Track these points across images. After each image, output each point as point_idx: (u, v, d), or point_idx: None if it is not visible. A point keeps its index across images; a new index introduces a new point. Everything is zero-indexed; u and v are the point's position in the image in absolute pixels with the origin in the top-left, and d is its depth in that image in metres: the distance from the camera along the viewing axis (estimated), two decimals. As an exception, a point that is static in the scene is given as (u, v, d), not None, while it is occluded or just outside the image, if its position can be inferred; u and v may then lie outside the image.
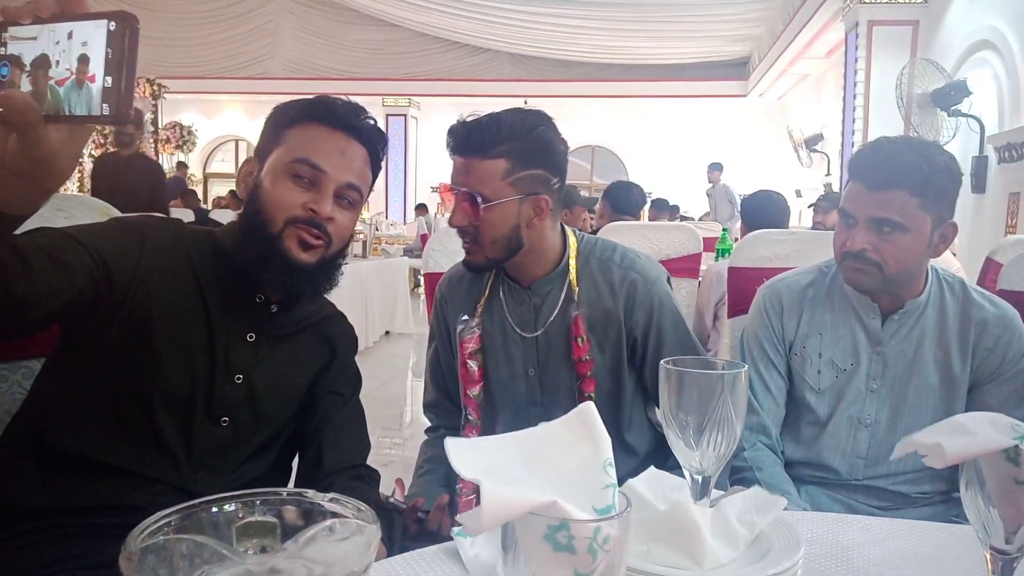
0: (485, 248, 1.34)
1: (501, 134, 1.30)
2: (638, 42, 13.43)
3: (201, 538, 0.36)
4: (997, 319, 1.40)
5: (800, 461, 1.49)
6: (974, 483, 0.69)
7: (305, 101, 1.20)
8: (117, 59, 0.61)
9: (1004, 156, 5.71)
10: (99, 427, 1.07)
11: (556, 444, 0.54)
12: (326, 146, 1.15)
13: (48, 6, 0.65)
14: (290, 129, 1.17)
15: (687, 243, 3.00)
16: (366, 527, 0.39)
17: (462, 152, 1.33)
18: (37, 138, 0.65)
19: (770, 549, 0.75)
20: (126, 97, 0.62)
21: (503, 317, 1.45)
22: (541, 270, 1.42)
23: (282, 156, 1.14)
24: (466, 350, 1.43)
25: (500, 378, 1.45)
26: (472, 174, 1.31)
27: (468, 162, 1.31)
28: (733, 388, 0.73)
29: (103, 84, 0.62)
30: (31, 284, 0.90)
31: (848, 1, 8.21)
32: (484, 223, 1.31)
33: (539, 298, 1.42)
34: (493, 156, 1.30)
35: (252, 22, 15.21)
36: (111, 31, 0.62)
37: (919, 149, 1.33)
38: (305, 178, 1.13)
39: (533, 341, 1.43)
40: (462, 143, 1.32)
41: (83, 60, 0.62)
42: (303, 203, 1.12)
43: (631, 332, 1.42)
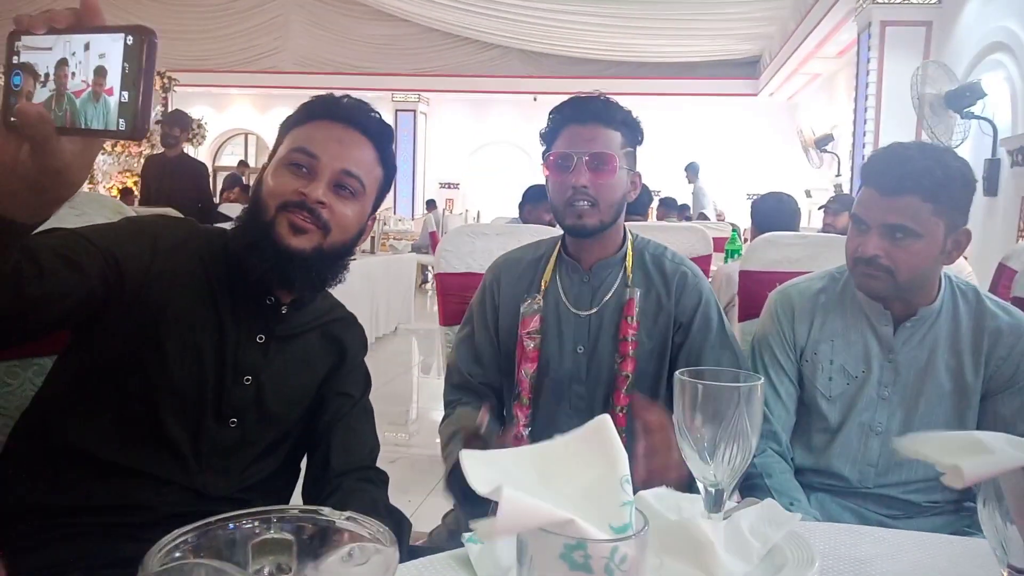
0: (602, 211, 1.42)
1: (619, 110, 1.45)
2: (648, 40, 13.38)
3: (219, 563, 0.35)
4: (1011, 328, 1.38)
5: (810, 468, 1.48)
6: (992, 500, 0.68)
7: (306, 102, 1.21)
8: (134, 73, 0.61)
9: (1017, 159, 5.66)
10: (108, 426, 1.07)
11: (572, 459, 0.54)
12: (322, 135, 1.15)
13: (64, 17, 0.64)
14: (294, 129, 1.18)
15: (697, 244, 2.99)
16: (384, 549, 0.38)
17: (585, 120, 1.42)
18: (51, 150, 0.64)
19: (784, 563, 0.74)
20: (143, 112, 0.61)
21: (558, 295, 1.51)
22: (606, 251, 1.50)
23: (282, 151, 1.16)
24: (526, 328, 1.48)
25: (547, 354, 1.49)
26: (599, 139, 1.41)
27: (595, 129, 1.41)
28: (749, 401, 0.72)
29: (119, 99, 0.61)
30: (44, 285, 0.90)
31: (861, 1, 8.15)
32: (607, 186, 1.41)
33: (598, 279, 1.49)
34: (614, 127, 1.43)
35: (262, 16, 15.21)
36: (128, 45, 0.61)
37: (933, 155, 1.32)
38: (302, 167, 1.12)
39: (586, 320, 1.48)
40: (589, 112, 1.42)
41: (100, 73, 0.61)
42: (295, 188, 1.11)
43: (679, 318, 1.48)
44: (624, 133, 1.44)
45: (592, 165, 1.40)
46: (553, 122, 1.47)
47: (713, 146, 14.54)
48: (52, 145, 0.64)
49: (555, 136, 1.46)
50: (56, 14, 0.64)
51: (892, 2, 7.78)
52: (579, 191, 1.40)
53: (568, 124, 1.44)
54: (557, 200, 1.45)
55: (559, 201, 1.44)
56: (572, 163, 1.40)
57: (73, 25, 0.64)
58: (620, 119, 1.44)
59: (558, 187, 1.43)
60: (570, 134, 1.43)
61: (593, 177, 1.40)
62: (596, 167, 1.40)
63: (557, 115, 1.46)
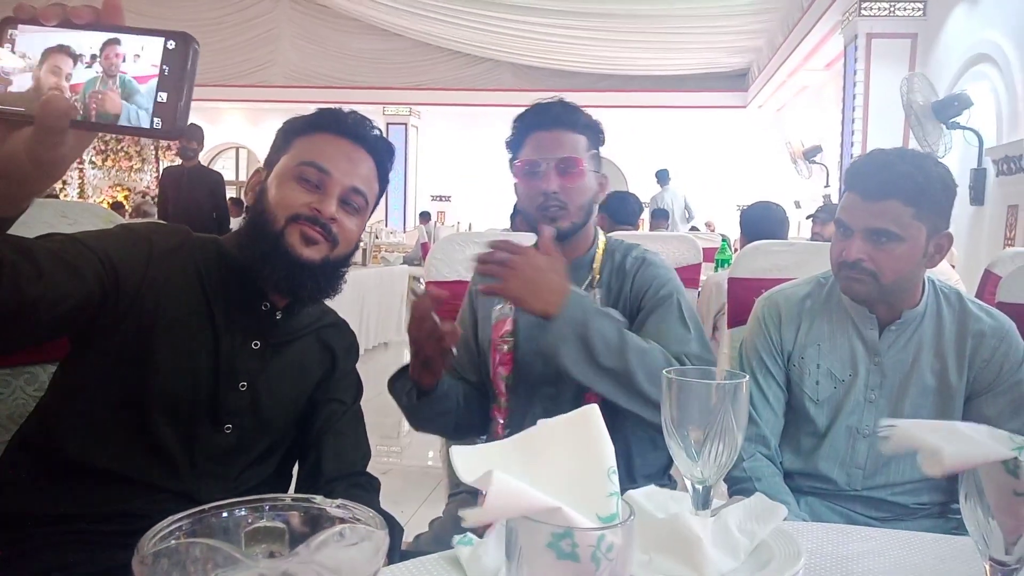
0: (573, 213, 1.44)
1: (581, 114, 1.46)
2: (638, 53, 13.48)
3: (214, 542, 0.36)
4: (994, 331, 1.40)
5: (799, 472, 1.49)
6: (973, 494, 0.69)
7: (314, 112, 1.22)
8: (176, 77, 0.63)
9: (1002, 169, 5.73)
10: (103, 434, 1.07)
11: (559, 449, 0.54)
12: (332, 150, 1.17)
13: (85, 14, 0.65)
14: (298, 138, 1.19)
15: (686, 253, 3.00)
16: (374, 533, 0.39)
17: (550, 126, 1.44)
18: (56, 143, 0.64)
19: (771, 559, 0.75)
20: (182, 114, 0.63)
21: None
22: (576, 252, 1.50)
23: (288, 161, 1.17)
24: (499, 332, 1.49)
25: (521, 355, 1.50)
26: (565, 144, 1.43)
27: (559, 134, 1.43)
28: (734, 398, 0.74)
29: (156, 98, 0.63)
30: (42, 286, 0.90)
31: (847, 14, 8.25)
32: (577, 189, 1.43)
33: (571, 279, 1.47)
34: (578, 131, 1.45)
35: (254, 30, 15.25)
36: (168, 49, 0.63)
37: (913, 160, 1.34)
38: (311, 181, 1.14)
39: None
40: (552, 117, 1.44)
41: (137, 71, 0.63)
42: (307, 203, 1.13)
43: (634, 301, 1.47)
44: (588, 136, 1.46)
45: (560, 170, 1.42)
46: (517, 130, 1.48)
47: (703, 158, 14.62)
48: (61, 137, 0.64)
49: (521, 143, 1.47)
50: (76, 10, 0.65)
51: (878, 15, 7.88)
52: (550, 196, 1.41)
53: (533, 131, 1.45)
54: (528, 206, 1.46)
55: (530, 207, 1.46)
56: (541, 169, 1.42)
57: (93, 23, 0.65)
58: (583, 122, 1.46)
59: (528, 194, 1.45)
60: (536, 140, 1.44)
61: (562, 181, 1.41)
62: (564, 171, 1.42)
63: (520, 123, 1.48)
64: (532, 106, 1.48)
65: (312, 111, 1.23)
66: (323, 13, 14.91)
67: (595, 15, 12.23)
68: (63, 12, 0.65)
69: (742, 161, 14.56)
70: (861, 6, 7.87)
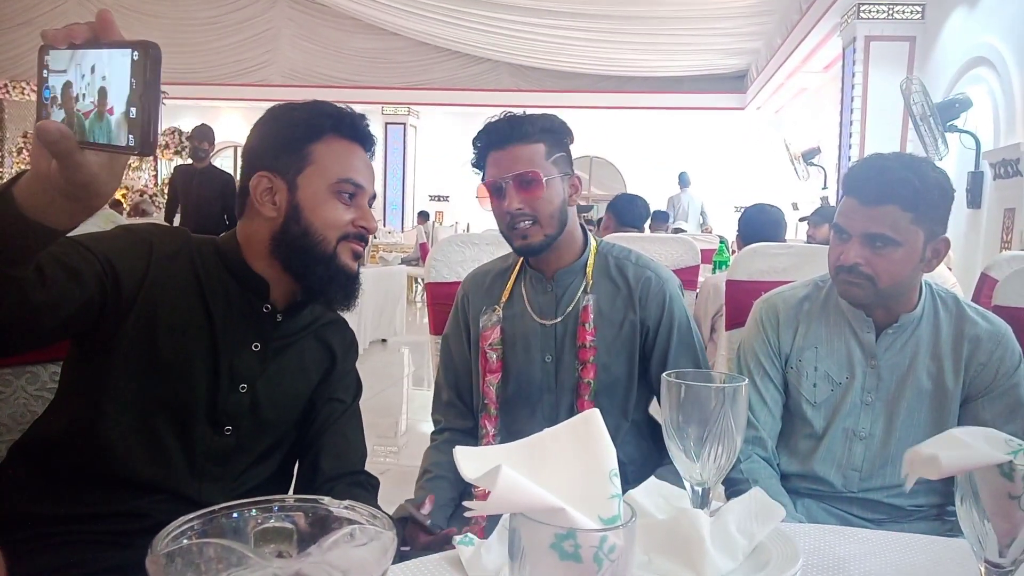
0: (544, 225, 1.43)
1: (535, 121, 1.45)
2: (636, 54, 13.49)
3: (227, 542, 0.37)
4: (990, 335, 1.41)
5: (796, 474, 1.50)
6: (969, 497, 0.70)
7: (324, 111, 1.19)
8: (140, 89, 0.62)
9: (1000, 172, 5.75)
10: (103, 435, 1.07)
11: (561, 452, 0.55)
12: (358, 162, 1.20)
13: (81, 33, 0.66)
14: (315, 144, 1.17)
15: (685, 255, 3.01)
16: (383, 533, 0.40)
17: (503, 144, 1.43)
18: (76, 164, 0.67)
19: (769, 560, 0.76)
20: (149, 127, 0.62)
21: (524, 306, 1.53)
22: (566, 260, 1.51)
23: (319, 177, 1.16)
24: (487, 341, 1.50)
25: (517, 365, 1.51)
26: (521, 159, 1.42)
27: (513, 150, 1.42)
28: (734, 401, 0.74)
29: (128, 115, 0.62)
30: (45, 292, 0.91)
31: (845, 16, 8.27)
32: (542, 200, 1.42)
33: (561, 288, 1.51)
34: (535, 140, 1.43)
35: (251, 29, 15.24)
36: (134, 60, 0.62)
37: (911, 165, 1.35)
38: (347, 195, 1.17)
39: (552, 329, 1.50)
40: (503, 135, 1.43)
41: (103, 93, 0.63)
42: (351, 220, 1.17)
43: (644, 322, 1.49)
44: (547, 141, 1.45)
45: (520, 186, 1.41)
46: (478, 152, 1.49)
47: (701, 159, 14.63)
48: (76, 159, 0.66)
49: (483, 165, 1.48)
50: (74, 29, 0.66)
51: (876, 18, 7.89)
52: (515, 215, 1.42)
53: (489, 152, 1.46)
54: (500, 227, 1.48)
55: (502, 228, 1.47)
56: (502, 189, 1.43)
57: (89, 39, 0.66)
58: (538, 129, 1.44)
59: (497, 214, 1.46)
60: (493, 161, 1.45)
61: (524, 197, 1.41)
62: (524, 187, 1.41)
63: (478, 144, 1.48)
64: (484, 126, 1.48)
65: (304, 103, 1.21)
66: (321, 12, 14.90)
67: (594, 16, 12.24)
68: (68, 34, 0.67)
69: (740, 163, 14.58)
70: (860, 9, 7.89)
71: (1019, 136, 5.54)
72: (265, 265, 1.18)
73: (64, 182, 0.68)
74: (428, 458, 1.56)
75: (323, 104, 1.21)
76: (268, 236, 1.17)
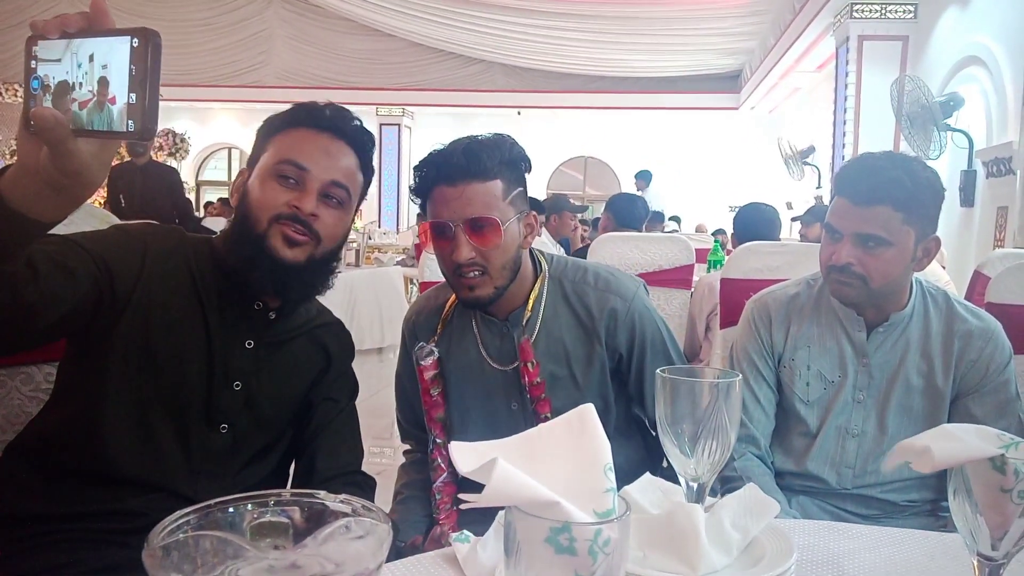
0: (495, 277, 1.28)
1: (492, 154, 1.26)
2: (630, 55, 13.51)
3: (223, 534, 0.37)
4: (981, 332, 1.42)
5: (790, 472, 1.50)
6: (961, 491, 0.70)
7: (290, 108, 1.21)
8: (140, 75, 0.63)
9: (992, 171, 5.78)
10: (100, 434, 1.07)
11: (556, 447, 0.56)
12: (310, 146, 1.15)
13: (75, 21, 0.66)
14: (276, 135, 1.18)
15: (679, 254, 3.03)
16: (378, 526, 0.40)
17: (456, 180, 1.25)
18: (68, 152, 0.66)
19: (763, 555, 0.76)
20: (150, 113, 0.63)
21: (478, 351, 1.39)
22: (519, 300, 1.37)
23: (268, 160, 1.16)
24: (426, 375, 1.39)
25: (482, 414, 1.41)
26: (477, 200, 1.24)
27: (468, 187, 1.24)
28: (727, 396, 0.75)
29: (128, 100, 0.63)
30: (39, 290, 0.91)
31: (839, 16, 8.29)
32: (497, 250, 1.26)
33: (518, 330, 1.36)
34: (491, 176, 1.26)
35: (246, 30, 15.21)
36: (134, 47, 0.63)
37: (902, 165, 1.35)
38: (291, 178, 1.13)
39: (513, 373, 1.36)
40: (457, 170, 1.25)
41: (108, 75, 0.63)
42: (286, 201, 1.12)
43: (615, 351, 1.39)
44: (504, 176, 1.28)
45: (473, 233, 1.25)
46: (419, 181, 1.30)
47: (695, 159, 14.66)
48: (69, 147, 0.66)
49: (426, 197, 1.30)
50: (67, 18, 0.66)
51: (869, 17, 7.92)
52: (465, 264, 1.25)
53: (437, 184, 1.27)
54: (445, 271, 1.32)
55: (447, 273, 1.31)
56: (451, 233, 1.25)
57: (84, 28, 0.66)
58: (496, 162, 1.26)
59: (442, 258, 1.30)
60: (441, 197, 1.26)
61: (478, 246, 1.25)
62: (477, 234, 1.25)
63: (421, 174, 1.29)
64: (432, 154, 1.29)
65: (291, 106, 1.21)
66: (315, 13, 14.88)
67: (587, 17, 12.25)
68: (62, 23, 0.66)
69: (734, 162, 14.60)
70: (852, 8, 7.92)
71: (1011, 134, 5.56)
72: None
73: (55, 171, 0.68)
74: (400, 478, 1.54)
75: (308, 103, 1.21)
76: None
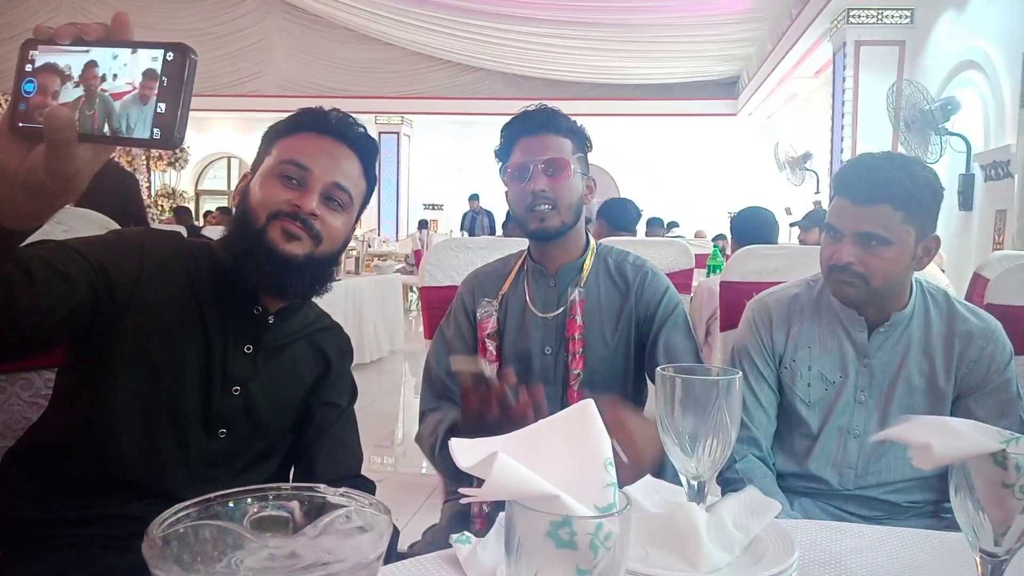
0: (562, 212, 1.49)
1: (566, 120, 1.54)
2: (629, 62, 13.56)
3: (223, 523, 0.37)
4: (981, 331, 1.42)
5: (792, 473, 1.50)
6: (963, 488, 0.70)
7: (295, 113, 1.22)
8: (174, 87, 0.64)
9: (990, 174, 5.79)
10: (98, 439, 1.07)
11: (557, 442, 0.55)
12: (312, 148, 1.17)
13: (95, 30, 0.66)
14: (280, 139, 1.20)
15: (679, 259, 3.02)
16: (378, 517, 0.40)
17: (538, 130, 1.50)
18: (69, 155, 0.65)
19: (765, 553, 0.76)
20: (180, 124, 0.64)
21: (524, 300, 1.57)
22: (571, 256, 1.56)
23: (270, 161, 1.17)
24: (484, 331, 1.53)
25: (516, 356, 1.53)
26: (551, 146, 1.49)
27: (545, 138, 1.49)
28: (728, 394, 0.75)
29: (155, 109, 0.64)
30: (34, 296, 0.90)
31: (835, 22, 8.33)
32: (564, 188, 1.48)
33: (564, 283, 1.55)
34: (564, 135, 1.51)
35: (245, 40, 15.27)
36: (168, 60, 0.65)
37: (902, 164, 1.36)
38: (293, 178, 1.14)
39: (553, 321, 1.53)
40: (538, 123, 1.50)
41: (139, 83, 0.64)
42: (287, 199, 1.13)
43: (643, 310, 1.54)
44: (573, 140, 1.52)
45: (548, 170, 1.47)
46: (506, 137, 1.54)
47: (693, 165, 14.69)
48: (72, 150, 0.65)
49: (510, 150, 1.53)
50: (86, 27, 0.66)
51: (866, 22, 7.96)
52: (538, 196, 1.47)
53: (520, 137, 1.51)
54: (519, 208, 1.51)
55: (521, 208, 1.51)
56: (529, 171, 1.48)
57: (103, 38, 0.66)
58: (568, 127, 1.52)
59: (518, 196, 1.50)
60: (524, 145, 1.50)
61: (550, 181, 1.47)
62: (552, 172, 1.47)
63: (508, 130, 1.54)
64: (519, 114, 1.54)
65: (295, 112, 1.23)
66: (314, 23, 14.95)
67: (585, 25, 12.31)
68: (76, 30, 0.66)
69: (733, 168, 14.65)
70: (849, 14, 7.96)
71: (1009, 138, 5.57)
72: None
73: (47, 175, 0.66)
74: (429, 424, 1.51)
75: (310, 107, 1.23)
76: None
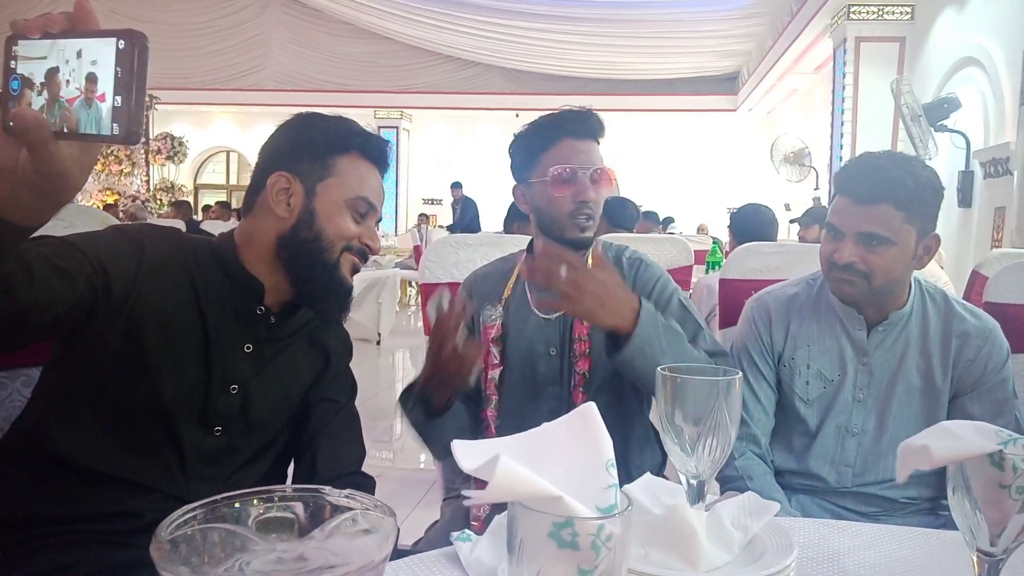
0: (597, 222, 1.50)
1: (603, 125, 1.52)
2: (628, 57, 13.54)
3: (231, 526, 0.37)
4: (978, 331, 1.42)
5: (791, 470, 1.51)
6: (961, 488, 0.71)
7: (353, 129, 1.23)
8: (126, 78, 0.61)
9: (990, 171, 5.79)
10: (94, 435, 1.07)
11: (559, 444, 0.56)
12: (375, 185, 1.24)
13: (58, 22, 0.65)
14: (339, 158, 1.20)
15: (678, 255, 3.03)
16: (384, 520, 0.40)
17: (586, 136, 1.48)
18: (49, 154, 0.65)
19: (764, 552, 0.77)
20: (136, 116, 0.61)
21: (526, 301, 1.55)
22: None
23: (339, 189, 1.18)
24: (488, 336, 1.52)
25: (520, 358, 1.52)
26: (597, 155, 1.48)
27: (592, 145, 1.48)
28: (728, 394, 0.75)
29: (113, 103, 0.61)
30: (34, 291, 0.91)
31: (836, 18, 8.32)
32: (602, 200, 1.49)
33: None
34: (600, 142, 1.51)
35: (243, 34, 15.23)
36: (120, 49, 0.61)
37: (903, 164, 1.36)
38: (360, 213, 1.21)
39: (556, 322, 1.52)
40: (588, 128, 1.48)
41: (91, 79, 0.62)
42: (358, 235, 1.20)
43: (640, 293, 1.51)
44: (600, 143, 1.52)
45: (597, 180, 1.45)
46: (547, 133, 1.48)
47: (693, 161, 14.69)
48: (50, 149, 0.64)
49: (547, 147, 1.47)
50: (50, 18, 0.65)
51: (866, 19, 7.95)
52: (585, 206, 1.44)
53: (565, 137, 1.46)
54: (557, 212, 1.46)
55: (560, 213, 1.45)
56: (578, 178, 1.44)
57: (67, 29, 0.65)
58: (603, 135, 1.51)
59: (560, 201, 1.45)
60: (570, 148, 1.45)
61: (597, 192, 1.45)
62: (598, 182, 1.45)
63: (552, 127, 1.48)
64: (565, 112, 1.49)
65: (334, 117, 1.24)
66: (313, 17, 14.91)
67: (585, 19, 12.29)
68: (44, 23, 0.65)
69: (732, 164, 14.64)
70: (850, 10, 7.95)
71: (1008, 135, 5.57)
72: (263, 266, 1.18)
73: (34, 174, 0.66)
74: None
75: (352, 122, 1.25)
76: (274, 236, 1.17)
